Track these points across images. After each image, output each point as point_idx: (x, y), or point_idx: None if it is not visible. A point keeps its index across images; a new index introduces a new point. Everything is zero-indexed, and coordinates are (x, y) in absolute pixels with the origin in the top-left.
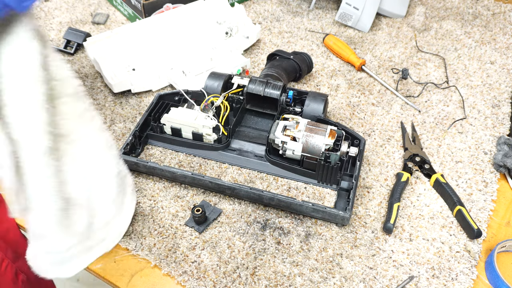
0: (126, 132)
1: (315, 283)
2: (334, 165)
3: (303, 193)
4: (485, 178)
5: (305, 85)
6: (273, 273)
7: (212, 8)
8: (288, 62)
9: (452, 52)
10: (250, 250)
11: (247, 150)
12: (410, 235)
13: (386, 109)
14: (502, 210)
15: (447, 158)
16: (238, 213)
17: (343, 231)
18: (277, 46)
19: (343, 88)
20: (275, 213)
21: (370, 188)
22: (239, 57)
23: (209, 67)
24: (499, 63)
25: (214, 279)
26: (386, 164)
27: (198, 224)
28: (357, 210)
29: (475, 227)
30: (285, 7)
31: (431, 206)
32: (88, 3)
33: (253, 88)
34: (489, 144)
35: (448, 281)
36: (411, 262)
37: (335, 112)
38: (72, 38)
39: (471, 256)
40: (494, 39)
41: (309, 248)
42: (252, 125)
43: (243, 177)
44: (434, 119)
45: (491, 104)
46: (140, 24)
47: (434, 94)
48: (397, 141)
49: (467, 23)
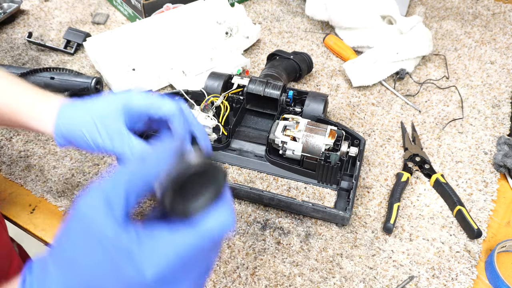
0: None
1: (315, 283)
2: (334, 165)
3: (303, 193)
4: (485, 178)
5: (305, 85)
6: (273, 273)
7: (212, 8)
8: (288, 62)
9: (452, 52)
10: (250, 250)
11: (247, 150)
12: (410, 235)
13: (386, 109)
14: (502, 210)
15: (447, 158)
16: (238, 213)
17: (343, 231)
18: (277, 46)
19: (343, 88)
20: (275, 213)
21: (370, 188)
22: (239, 57)
23: (209, 67)
24: (499, 63)
25: (214, 279)
26: (386, 164)
27: None
28: (357, 210)
29: (475, 227)
30: (285, 7)
31: (431, 206)
32: (88, 3)
33: (253, 88)
34: (489, 144)
35: (448, 281)
36: (411, 262)
37: (335, 112)
38: (72, 38)
39: (471, 256)
40: (494, 39)
41: (309, 248)
42: (252, 125)
43: (243, 177)
44: (434, 119)
45: (491, 104)
46: (140, 24)
47: (434, 94)
48: (397, 141)
49: (467, 23)
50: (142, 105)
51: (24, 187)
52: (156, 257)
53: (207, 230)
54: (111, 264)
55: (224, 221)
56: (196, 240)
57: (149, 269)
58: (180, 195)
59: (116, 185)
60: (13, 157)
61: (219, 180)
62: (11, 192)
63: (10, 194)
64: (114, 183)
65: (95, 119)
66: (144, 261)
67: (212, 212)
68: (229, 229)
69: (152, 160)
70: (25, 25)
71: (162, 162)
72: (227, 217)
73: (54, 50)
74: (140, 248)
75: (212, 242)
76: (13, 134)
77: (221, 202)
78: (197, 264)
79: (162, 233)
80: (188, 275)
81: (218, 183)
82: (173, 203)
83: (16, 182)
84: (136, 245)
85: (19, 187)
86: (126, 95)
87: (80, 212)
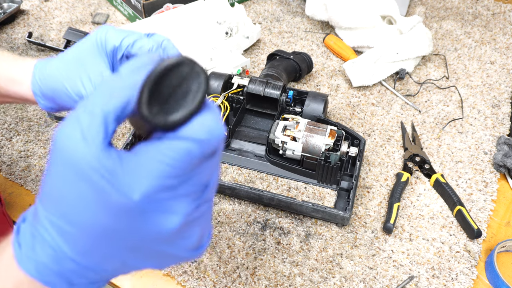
0: (126, 132)
1: (315, 283)
2: (334, 165)
3: (303, 193)
4: (485, 178)
5: (305, 85)
6: (273, 273)
7: (212, 8)
8: (288, 62)
9: (452, 52)
10: (250, 250)
11: (247, 150)
12: (410, 235)
13: (386, 109)
14: (502, 210)
15: (447, 158)
16: (238, 213)
17: (343, 231)
18: (277, 46)
19: (343, 88)
20: (275, 213)
21: (370, 188)
22: (239, 57)
23: (209, 67)
24: (499, 63)
25: (214, 279)
26: (386, 164)
27: None
28: (357, 210)
29: (475, 227)
30: (285, 7)
31: (431, 206)
32: (88, 3)
33: (253, 88)
34: (489, 144)
35: (448, 281)
36: (411, 262)
37: (335, 112)
38: (72, 38)
39: (471, 256)
40: (494, 39)
41: (309, 248)
42: (252, 125)
43: (243, 177)
44: (434, 119)
45: (491, 104)
46: (140, 24)
47: (434, 94)
48: (397, 141)
49: (467, 23)
50: (119, 40)
51: (24, 187)
52: (141, 173)
53: (194, 132)
54: (94, 191)
55: (212, 125)
56: (183, 145)
57: (136, 188)
58: (158, 98)
59: (92, 105)
60: (13, 157)
61: (200, 79)
62: (11, 192)
63: (10, 194)
64: (88, 105)
65: (73, 67)
66: (129, 180)
67: (197, 118)
68: (218, 134)
69: (126, 72)
70: (25, 25)
71: (140, 72)
72: (215, 120)
73: (54, 50)
74: (123, 168)
75: (203, 148)
76: (13, 134)
77: (205, 107)
78: (191, 176)
79: (145, 148)
80: (183, 191)
81: (199, 83)
82: (150, 105)
83: (16, 182)
84: (119, 166)
85: (19, 187)
86: (100, 32)
87: (57, 144)
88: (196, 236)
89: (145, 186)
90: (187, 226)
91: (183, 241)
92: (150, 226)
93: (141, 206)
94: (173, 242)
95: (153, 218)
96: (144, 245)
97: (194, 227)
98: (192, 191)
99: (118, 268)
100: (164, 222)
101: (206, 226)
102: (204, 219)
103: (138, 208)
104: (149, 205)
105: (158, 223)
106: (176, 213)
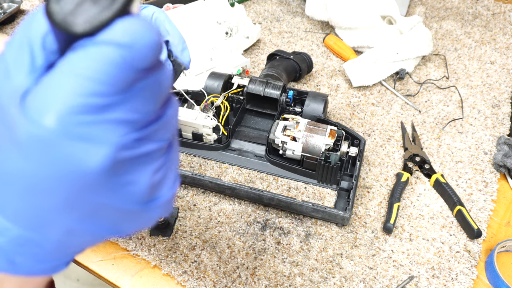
0: None
1: (315, 283)
2: (334, 165)
3: (303, 193)
4: (485, 178)
5: (305, 85)
6: (273, 273)
7: (212, 8)
8: (288, 62)
9: (452, 52)
10: (250, 250)
11: (247, 150)
12: (410, 235)
13: (386, 109)
14: (502, 210)
15: (447, 158)
16: (238, 213)
17: (343, 231)
18: (277, 46)
19: (343, 88)
20: (275, 213)
21: (370, 188)
22: (239, 57)
23: (209, 67)
24: (499, 63)
25: (214, 279)
26: (386, 164)
27: (162, 232)
28: (357, 210)
29: (475, 227)
30: (285, 7)
31: (431, 206)
32: None
33: (253, 88)
34: (489, 144)
35: (448, 281)
36: (411, 262)
37: (335, 112)
38: None
39: (471, 256)
40: (494, 39)
41: (309, 248)
42: (252, 125)
43: (243, 177)
44: (434, 119)
45: (491, 104)
46: None
47: (434, 94)
48: (397, 141)
49: (467, 23)
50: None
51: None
52: (53, 92)
53: (115, 35)
54: (3, 125)
55: (137, 28)
56: (101, 51)
57: (47, 111)
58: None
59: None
60: None
61: None
62: None
63: None
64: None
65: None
66: (39, 103)
67: (120, 21)
68: (147, 39)
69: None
70: None
71: None
72: (141, 24)
73: None
74: (36, 91)
75: (128, 55)
76: None
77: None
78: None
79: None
80: (116, 114)
81: None
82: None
83: None
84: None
85: None
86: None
87: None
88: (144, 182)
89: (59, 106)
90: (124, 164)
91: (123, 188)
92: (74, 162)
93: (58, 136)
94: (109, 188)
95: (76, 152)
96: (76, 197)
97: (138, 168)
98: (129, 117)
99: (65, 238)
100: (89, 157)
101: (163, 171)
102: (156, 159)
103: (55, 140)
104: (71, 135)
105: (83, 159)
106: (104, 143)
